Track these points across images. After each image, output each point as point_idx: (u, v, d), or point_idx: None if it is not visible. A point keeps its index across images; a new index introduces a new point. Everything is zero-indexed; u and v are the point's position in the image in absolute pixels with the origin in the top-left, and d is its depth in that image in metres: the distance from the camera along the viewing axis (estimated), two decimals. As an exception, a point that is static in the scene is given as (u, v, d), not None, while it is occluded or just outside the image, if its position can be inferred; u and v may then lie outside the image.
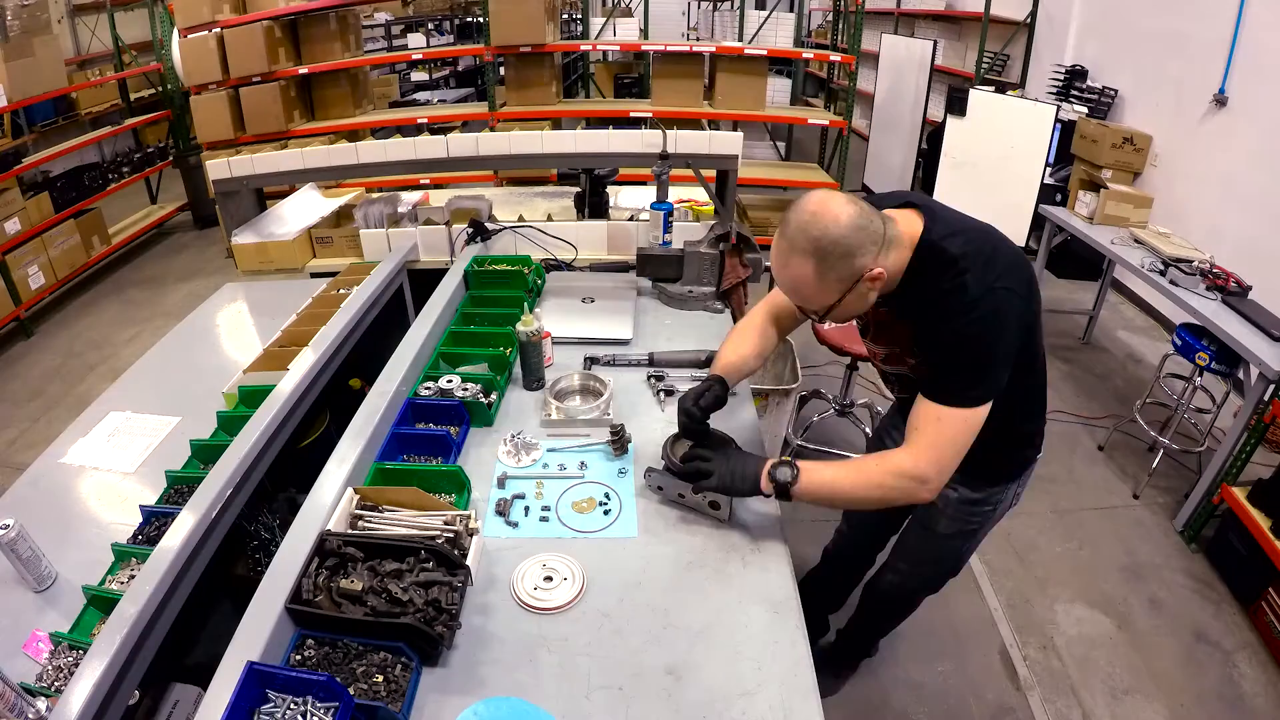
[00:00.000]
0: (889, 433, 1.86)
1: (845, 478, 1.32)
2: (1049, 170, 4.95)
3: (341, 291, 2.37)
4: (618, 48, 6.61)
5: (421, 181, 4.62)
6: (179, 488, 1.59)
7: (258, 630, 1.09)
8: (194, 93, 5.14)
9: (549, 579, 1.30)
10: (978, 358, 1.23)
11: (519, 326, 1.80)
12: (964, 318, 1.20)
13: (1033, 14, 5.92)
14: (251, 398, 1.80)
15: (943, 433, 1.25)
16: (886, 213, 1.27)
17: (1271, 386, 2.46)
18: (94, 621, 1.29)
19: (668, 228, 2.47)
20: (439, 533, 1.31)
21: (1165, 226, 3.62)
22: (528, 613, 1.24)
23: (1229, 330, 2.65)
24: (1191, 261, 3.08)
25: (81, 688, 1.02)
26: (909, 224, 1.28)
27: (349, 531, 1.32)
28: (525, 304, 2.03)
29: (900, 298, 1.31)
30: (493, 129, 5.24)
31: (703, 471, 1.37)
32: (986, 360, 1.23)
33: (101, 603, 1.31)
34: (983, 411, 1.24)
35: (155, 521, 1.50)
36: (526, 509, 1.47)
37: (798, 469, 1.32)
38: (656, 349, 1.98)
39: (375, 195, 3.12)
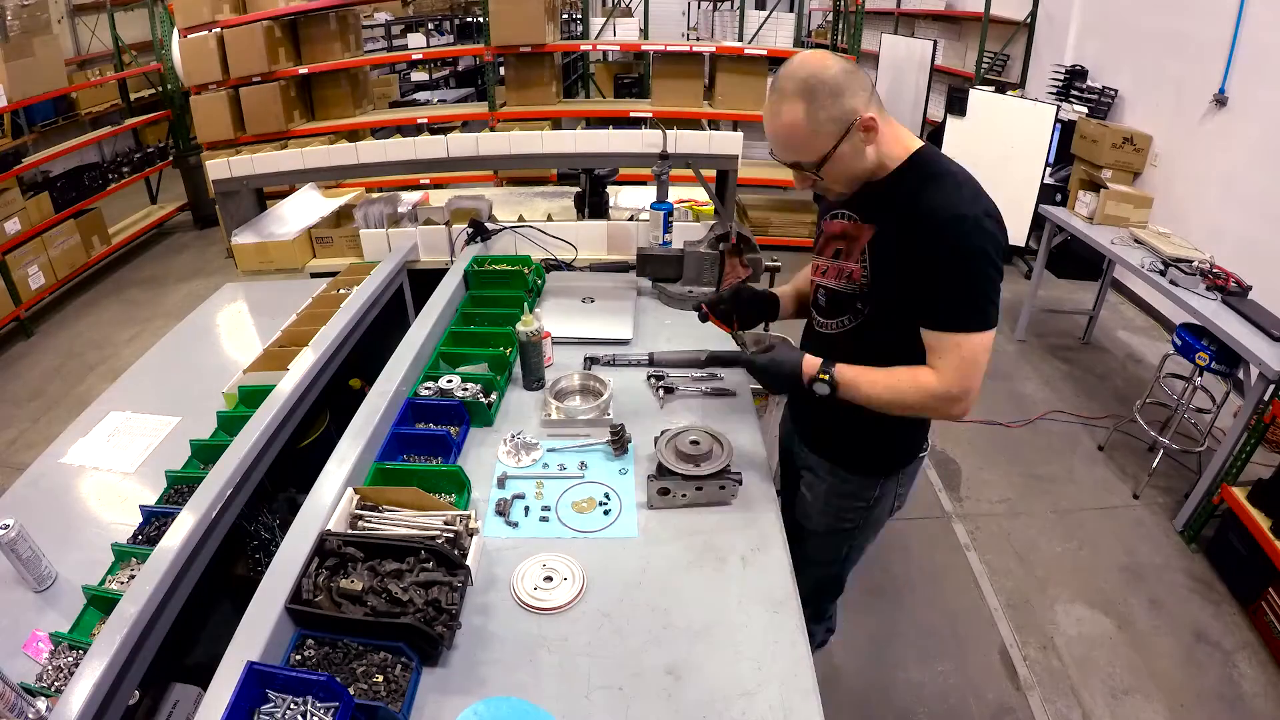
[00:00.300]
0: None
1: (881, 395, 1.35)
2: (1049, 170, 4.96)
3: (341, 291, 2.37)
4: (618, 48, 6.62)
5: (421, 181, 4.63)
6: (179, 488, 1.59)
7: (258, 630, 1.09)
8: (194, 93, 5.15)
9: (549, 579, 1.30)
10: (986, 275, 1.23)
11: (519, 326, 1.79)
12: (967, 234, 1.20)
13: (1033, 14, 5.92)
14: (251, 398, 1.80)
15: (963, 355, 1.26)
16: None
17: (1271, 386, 2.46)
18: (94, 621, 1.29)
19: (668, 228, 2.47)
20: (439, 533, 1.31)
21: (1165, 226, 3.62)
22: (528, 613, 1.24)
23: (1229, 330, 2.65)
24: (1191, 261, 3.08)
25: (81, 688, 1.02)
26: (908, 137, 1.32)
27: (349, 531, 1.32)
28: (525, 304, 2.02)
29: (876, 198, 1.32)
30: (493, 129, 5.24)
31: (752, 360, 1.44)
32: (995, 277, 1.24)
33: (101, 603, 1.31)
34: (992, 334, 1.27)
35: (155, 521, 1.50)
36: (526, 509, 1.47)
37: (836, 383, 1.36)
38: (656, 349, 1.98)
39: (375, 195, 3.12)
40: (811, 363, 1.39)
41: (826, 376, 1.36)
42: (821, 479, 1.61)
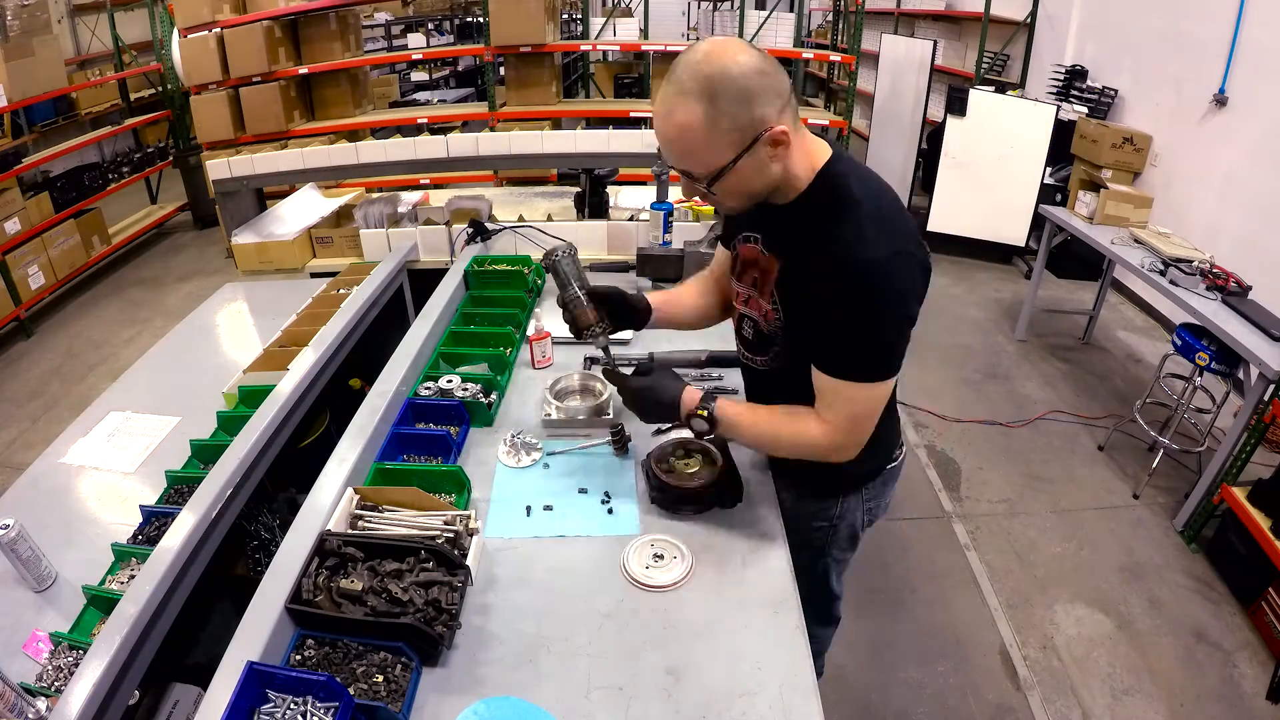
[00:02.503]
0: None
1: (761, 437, 1.30)
2: (1049, 170, 4.97)
3: (341, 291, 2.37)
4: (618, 48, 6.62)
5: (421, 181, 4.63)
6: (179, 488, 1.59)
7: (258, 630, 1.09)
8: (194, 93, 5.14)
9: (659, 556, 1.32)
10: (892, 324, 1.12)
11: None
12: (876, 282, 1.08)
13: (1033, 14, 5.92)
14: (251, 398, 1.80)
15: (853, 408, 1.18)
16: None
17: (1271, 386, 2.46)
18: (94, 621, 1.29)
19: (668, 228, 2.47)
20: (439, 533, 1.31)
21: (1165, 226, 3.62)
22: (639, 591, 1.27)
23: (1229, 330, 2.65)
24: (1191, 261, 3.08)
25: (81, 688, 1.02)
26: (816, 147, 1.16)
27: (349, 531, 1.32)
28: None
29: (780, 225, 1.19)
30: (493, 129, 5.24)
31: (626, 388, 1.37)
32: (893, 335, 1.13)
33: (101, 603, 1.31)
34: (891, 383, 1.18)
35: (155, 521, 1.50)
36: (528, 508, 1.47)
37: (715, 420, 1.28)
38: (656, 349, 1.98)
39: (375, 195, 3.13)
40: (692, 395, 1.31)
41: (705, 412, 1.28)
42: (786, 492, 1.51)
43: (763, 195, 1.16)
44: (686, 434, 1.57)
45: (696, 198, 1.17)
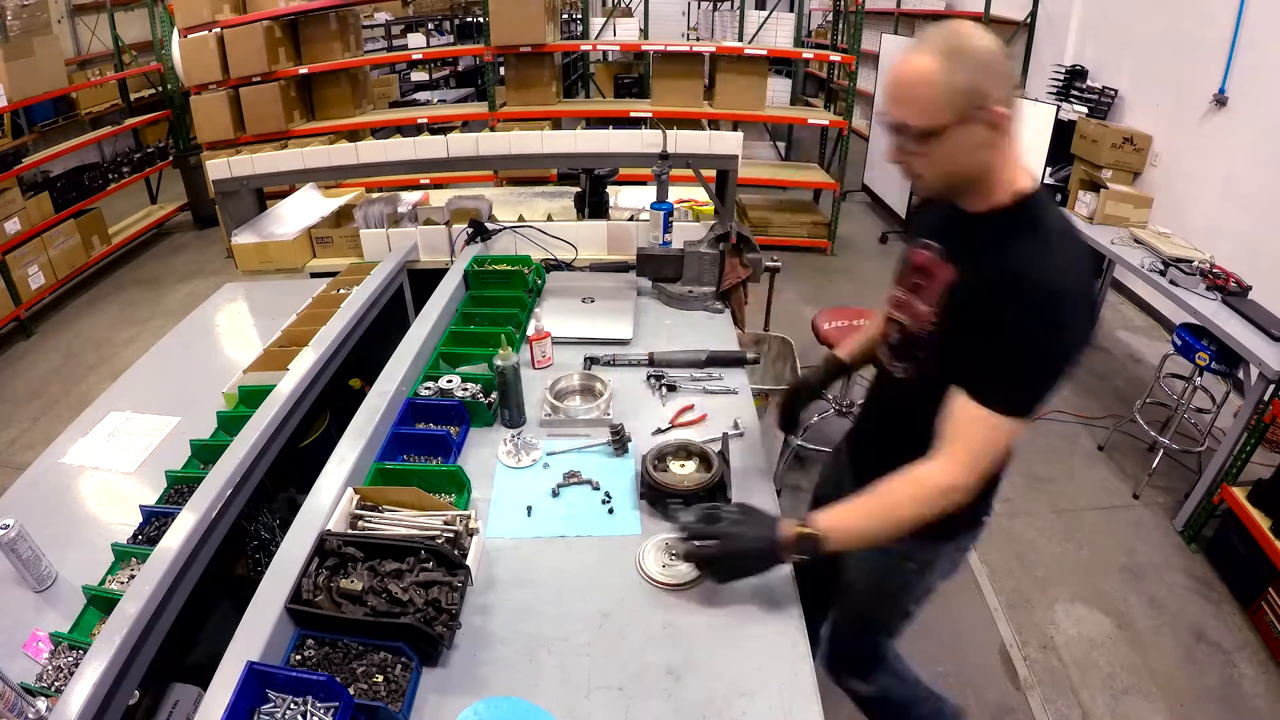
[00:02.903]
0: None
1: (877, 522, 1.16)
2: (1049, 170, 4.96)
3: (341, 291, 2.37)
4: (618, 48, 6.61)
5: (421, 181, 4.63)
6: (179, 488, 1.59)
7: (258, 630, 1.09)
8: (194, 93, 5.14)
9: (675, 555, 1.32)
10: (1043, 364, 1.08)
11: (497, 360, 1.64)
12: (1050, 313, 1.05)
13: (1033, 14, 5.92)
14: (251, 398, 1.80)
15: (984, 437, 1.10)
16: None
17: (1271, 386, 2.46)
18: (94, 621, 1.29)
19: (668, 228, 2.47)
20: (439, 533, 1.31)
21: (1165, 226, 3.62)
22: (655, 589, 1.27)
23: (1229, 330, 2.65)
24: (1191, 261, 3.08)
25: (81, 688, 1.02)
26: (1025, 171, 1.14)
27: (349, 531, 1.32)
28: (503, 334, 1.70)
29: (969, 233, 1.16)
30: (493, 129, 5.24)
31: (715, 568, 1.22)
32: (1050, 371, 1.09)
33: (101, 603, 1.31)
34: (1026, 422, 1.11)
35: (155, 521, 1.50)
36: (529, 508, 1.47)
37: (819, 537, 1.15)
38: (656, 349, 1.98)
39: (375, 195, 3.12)
40: (786, 529, 1.16)
41: (807, 532, 1.15)
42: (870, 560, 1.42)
43: (960, 183, 1.14)
44: (689, 437, 1.58)
45: (900, 157, 1.14)
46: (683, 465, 1.51)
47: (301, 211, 3.00)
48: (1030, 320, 1.05)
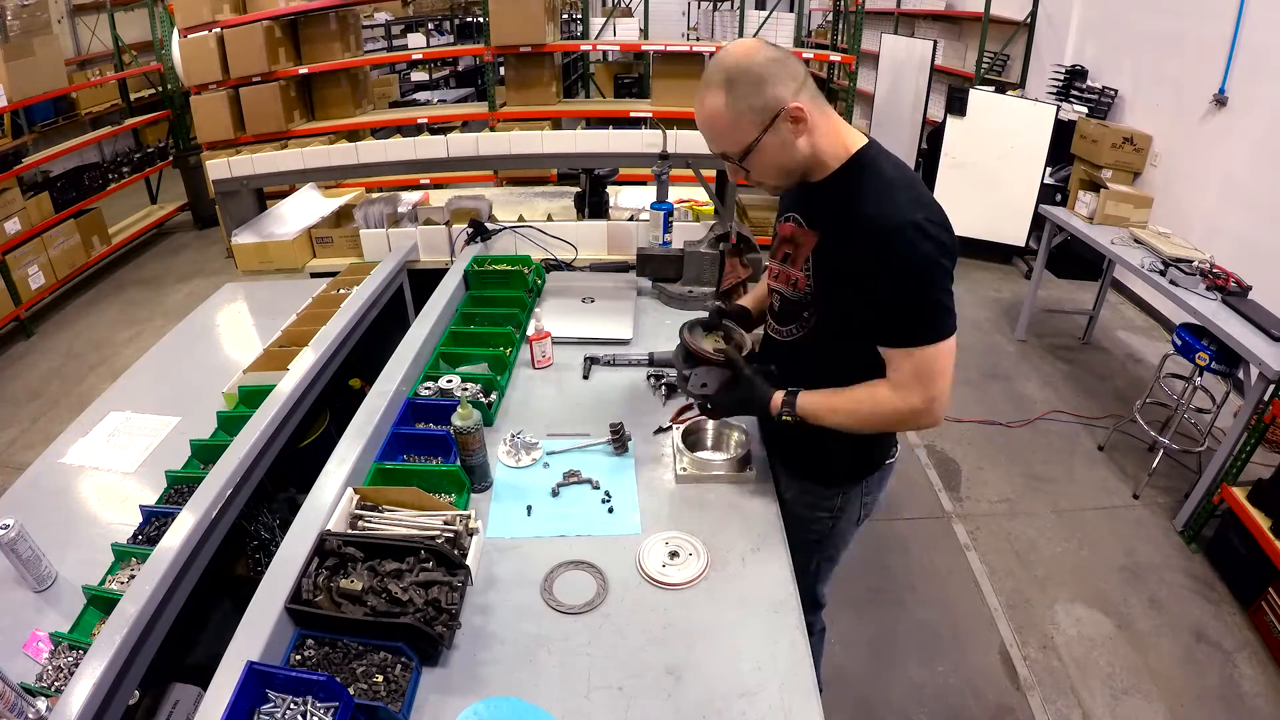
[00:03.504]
0: None
1: (844, 420, 1.33)
2: (1049, 170, 4.97)
3: (341, 291, 2.37)
4: (618, 48, 6.62)
5: (421, 181, 4.63)
6: (179, 488, 1.59)
7: (258, 630, 1.09)
8: (194, 93, 5.14)
9: (674, 554, 1.33)
10: (932, 284, 1.17)
11: (455, 420, 1.46)
12: (907, 244, 1.14)
13: (1033, 14, 5.92)
14: (251, 398, 1.80)
15: (919, 368, 1.22)
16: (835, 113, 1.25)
17: (1271, 386, 2.46)
18: (94, 621, 1.29)
19: (668, 228, 2.47)
20: (439, 533, 1.31)
21: (1165, 226, 3.62)
22: (654, 589, 1.28)
23: (1229, 330, 2.65)
24: (1191, 261, 3.08)
25: (81, 688, 1.02)
26: (850, 134, 1.25)
27: (349, 531, 1.32)
28: (460, 399, 1.53)
29: (816, 200, 1.28)
30: (493, 129, 5.24)
31: (709, 408, 1.43)
32: (944, 283, 1.18)
33: (101, 603, 1.31)
34: (952, 340, 1.21)
35: (155, 521, 1.50)
36: (529, 508, 1.47)
37: (796, 414, 1.34)
38: (656, 349, 1.98)
39: (375, 195, 3.13)
40: (776, 398, 1.37)
41: (789, 418, 1.35)
42: (786, 486, 1.56)
43: (797, 172, 1.26)
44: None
45: (739, 179, 1.29)
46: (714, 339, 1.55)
47: (301, 211, 3.00)
48: (891, 261, 1.16)
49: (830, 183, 1.25)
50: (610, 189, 2.96)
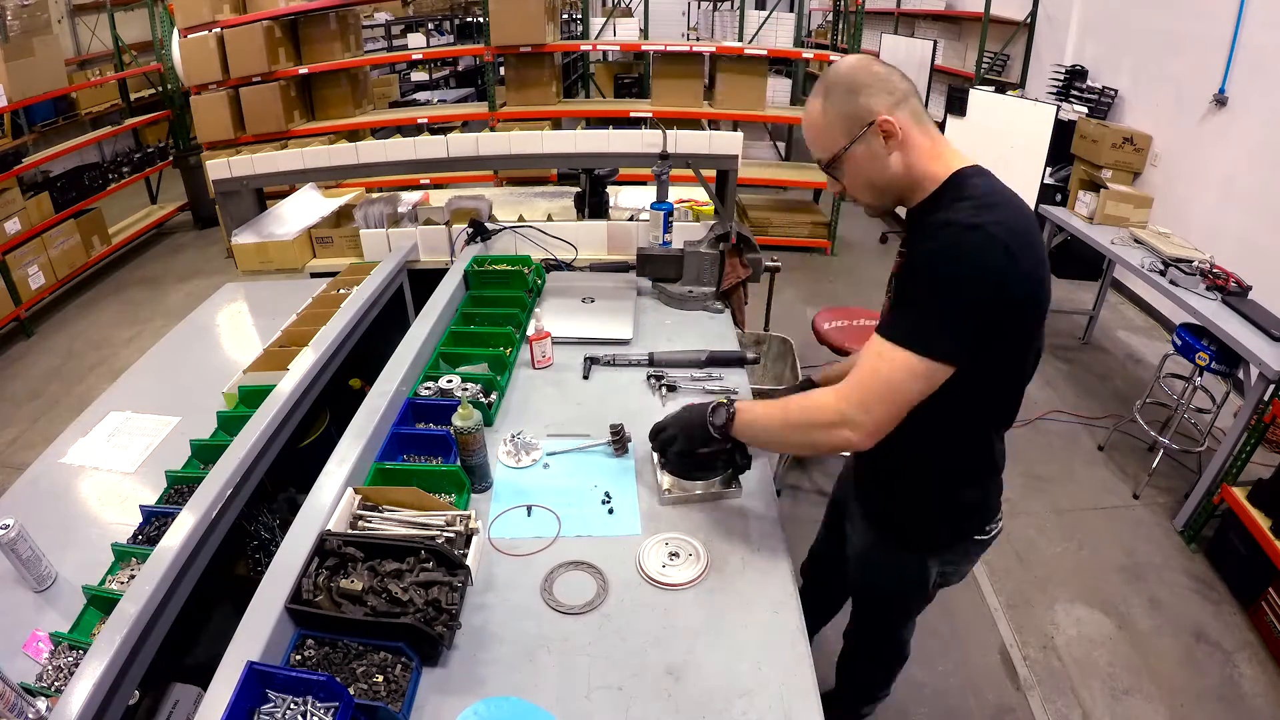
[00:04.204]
0: None
1: (774, 419, 1.26)
2: (1049, 170, 4.96)
3: (341, 291, 2.37)
4: (618, 48, 6.62)
5: (421, 181, 4.63)
6: (179, 488, 1.59)
7: (258, 630, 1.09)
8: (194, 93, 5.15)
9: (674, 555, 1.33)
10: (939, 298, 1.07)
11: (455, 420, 1.45)
12: (942, 245, 1.07)
13: (1033, 14, 5.92)
14: (251, 398, 1.80)
15: (878, 370, 1.10)
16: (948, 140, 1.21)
17: (1271, 386, 2.46)
18: (94, 621, 1.29)
19: (668, 228, 2.47)
20: (439, 533, 1.31)
21: (1165, 226, 3.62)
22: (654, 589, 1.28)
23: (1229, 330, 2.65)
24: (1191, 261, 3.08)
25: (81, 688, 1.02)
26: (952, 155, 1.18)
27: (349, 531, 1.31)
28: (461, 398, 1.56)
29: (912, 224, 1.23)
30: (493, 129, 5.24)
31: (664, 439, 1.41)
32: (949, 305, 1.06)
33: (101, 603, 1.31)
34: (930, 366, 1.07)
35: (155, 521, 1.50)
36: (529, 508, 1.47)
37: (733, 413, 1.31)
38: (656, 349, 1.98)
39: (375, 195, 3.12)
40: (714, 405, 1.35)
41: (725, 398, 1.34)
42: (859, 534, 1.54)
43: (890, 191, 1.21)
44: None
45: (835, 190, 1.26)
46: None
47: (301, 211, 3.00)
48: (934, 251, 1.09)
49: (923, 206, 1.19)
50: (610, 189, 2.96)
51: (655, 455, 1.50)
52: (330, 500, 1.34)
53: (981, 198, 1.10)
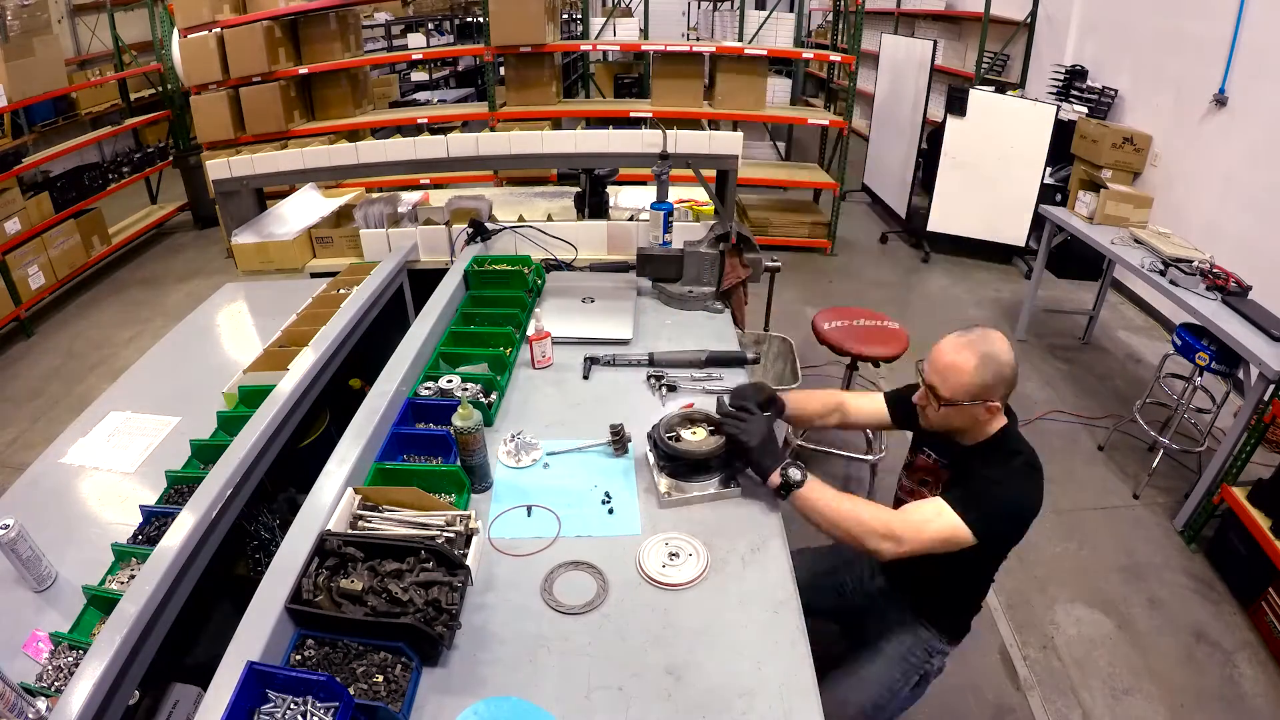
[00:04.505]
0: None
1: (839, 506, 1.43)
2: (1049, 170, 4.97)
3: (341, 291, 2.37)
4: (618, 48, 6.61)
5: (421, 181, 4.62)
6: (179, 488, 1.59)
7: (258, 630, 1.09)
8: (194, 93, 5.14)
9: (674, 555, 1.34)
10: (996, 494, 1.43)
11: (455, 420, 1.45)
12: (1001, 468, 1.46)
13: (1033, 14, 5.92)
14: (251, 398, 1.80)
15: (931, 520, 1.41)
16: None
17: (1271, 386, 2.46)
18: (94, 621, 1.29)
19: (668, 228, 2.47)
20: (439, 533, 1.31)
21: (1165, 226, 3.62)
22: (654, 589, 1.29)
23: (1229, 330, 2.65)
24: (1191, 261, 3.08)
25: (81, 688, 1.02)
26: (1001, 417, 1.54)
27: (349, 531, 1.32)
28: (461, 398, 1.55)
29: (959, 456, 1.57)
30: (493, 129, 5.24)
31: (740, 428, 1.49)
32: (1001, 500, 1.43)
33: (101, 603, 1.31)
34: (968, 535, 1.39)
35: (155, 521, 1.50)
36: (529, 508, 1.47)
37: (806, 477, 1.44)
38: (656, 349, 1.98)
39: (375, 195, 3.12)
40: (781, 465, 1.47)
41: (798, 475, 1.44)
42: (895, 623, 1.72)
43: (956, 433, 1.57)
44: (689, 405, 1.64)
45: (922, 403, 1.58)
46: (694, 432, 1.58)
47: (301, 211, 3.00)
48: (991, 471, 1.48)
49: (977, 451, 1.54)
50: (610, 189, 2.96)
51: (651, 456, 1.56)
52: (330, 500, 1.34)
53: (1031, 458, 1.50)
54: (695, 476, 1.50)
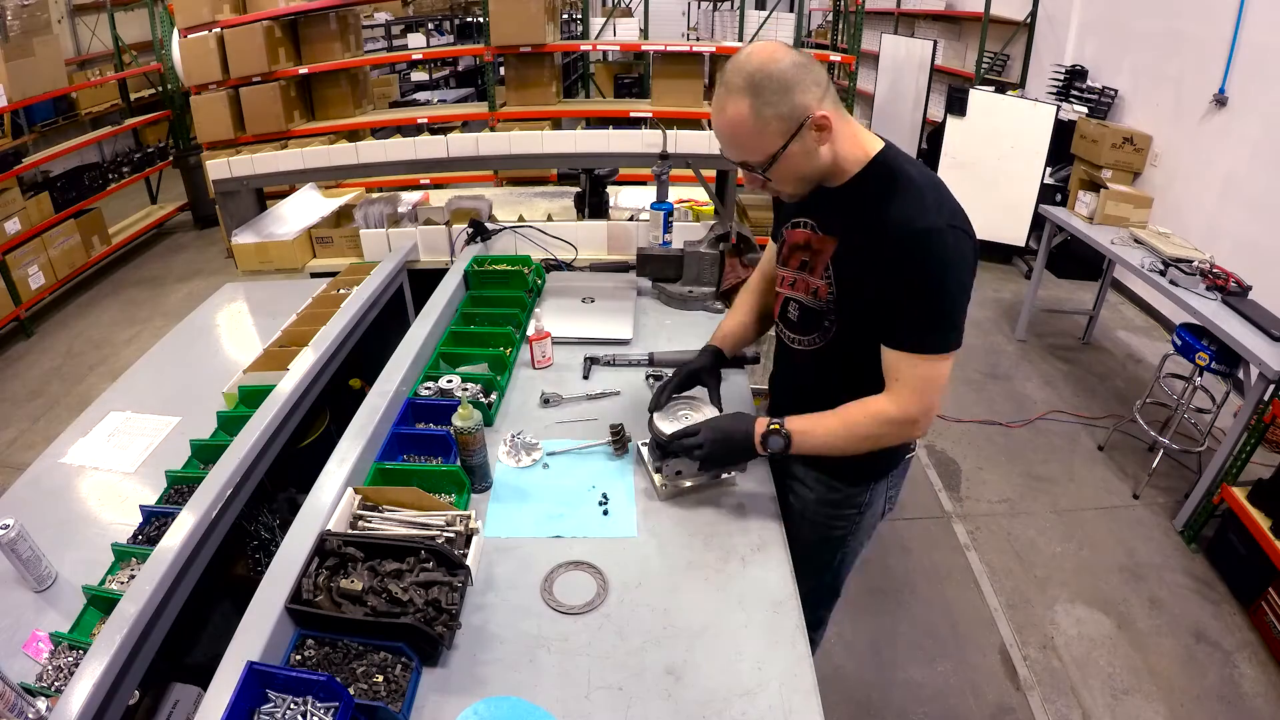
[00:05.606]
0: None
1: (837, 436, 1.31)
2: (1049, 170, 4.97)
3: (341, 291, 2.37)
4: (618, 48, 6.62)
5: (421, 181, 4.62)
6: (179, 488, 1.59)
7: (258, 630, 1.09)
8: (194, 93, 5.14)
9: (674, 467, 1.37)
10: (955, 294, 1.17)
11: (455, 420, 1.45)
12: (937, 250, 1.14)
13: (1033, 14, 5.92)
14: (251, 398, 1.80)
15: (922, 377, 1.23)
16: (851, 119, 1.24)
17: (1271, 386, 2.46)
18: (94, 621, 1.29)
19: (668, 228, 2.47)
20: (439, 533, 1.31)
21: (1165, 226, 3.62)
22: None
23: (1229, 330, 2.65)
24: (1191, 261, 3.08)
25: (81, 688, 1.02)
26: (868, 138, 1.24)
27: (349, 531, 1.31)
28: (461, 398, 1.55)
29: (835, 207, 1.27)
30: (493, 129, 5.23)
31: (690, 447, 1.38)
32: (964, 296, 1.19)
33: (101, 603, 1.31)
34: (953, 358, 1.23)
35: (155, 521, 1.50)
36: (528, 509, 1.47)
37: (789, 435, 1.32)
38: (656, 349, 1.98)
39: (375, 195, 3.13)
40: (760, 422, 1.35)
41: (779, 426, 1.32)
42: (809, 489, 1.55)
43: (816, 180, 1.25)
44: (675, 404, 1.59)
45: (756, 187, 1.27)
46: (687, 416, 1.54)
47: (301, 211, 3.00)
48: (916, 265, 1.16)
49: (850, 188, 1.24)
50: (610, 189, 2.96)
51: (646, 454, 1.54)
52: (330, 500, 1.34)
53: (926, 189, 1.18)
54: (687, 464, 1.45)
